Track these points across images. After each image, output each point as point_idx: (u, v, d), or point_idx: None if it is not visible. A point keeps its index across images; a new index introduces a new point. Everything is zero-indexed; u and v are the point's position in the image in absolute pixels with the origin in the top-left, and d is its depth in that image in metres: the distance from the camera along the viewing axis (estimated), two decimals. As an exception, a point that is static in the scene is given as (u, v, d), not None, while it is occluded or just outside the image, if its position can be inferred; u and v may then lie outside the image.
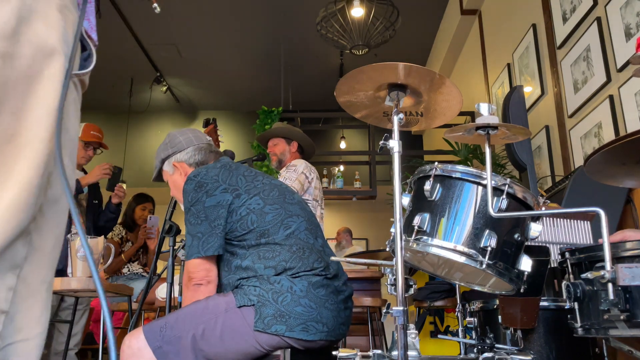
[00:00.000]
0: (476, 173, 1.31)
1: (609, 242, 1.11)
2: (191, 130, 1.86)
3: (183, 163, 1.78)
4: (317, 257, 1.55)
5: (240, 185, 1.60)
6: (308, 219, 1.65)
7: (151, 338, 1.45)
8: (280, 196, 1.63)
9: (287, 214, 1.59)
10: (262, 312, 1.43)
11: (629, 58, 1.65)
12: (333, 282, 1.56)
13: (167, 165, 1.81)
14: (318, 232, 1.68)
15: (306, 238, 1.58)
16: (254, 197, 1.58)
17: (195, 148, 1.80)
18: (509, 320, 1.43)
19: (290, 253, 1.52)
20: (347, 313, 1.59)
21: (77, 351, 3.07)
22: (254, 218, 1.55)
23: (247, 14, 6.26)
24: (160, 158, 1.83)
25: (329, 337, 1.48)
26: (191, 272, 1.55)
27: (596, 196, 2.43)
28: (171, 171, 1.81)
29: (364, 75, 1.34)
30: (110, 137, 7.56)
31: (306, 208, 1.70)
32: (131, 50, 6.83)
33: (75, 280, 2.42)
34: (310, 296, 1.47)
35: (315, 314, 1.46)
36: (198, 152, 1.80)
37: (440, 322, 3.72)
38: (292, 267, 1.49)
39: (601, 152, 1.30)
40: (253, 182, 1.63)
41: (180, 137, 1.82)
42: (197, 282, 1.55)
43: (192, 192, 1.58)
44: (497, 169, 4.03)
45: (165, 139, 1.86)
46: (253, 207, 1.56)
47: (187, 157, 1.78)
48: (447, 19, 6.07)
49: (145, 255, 3.88)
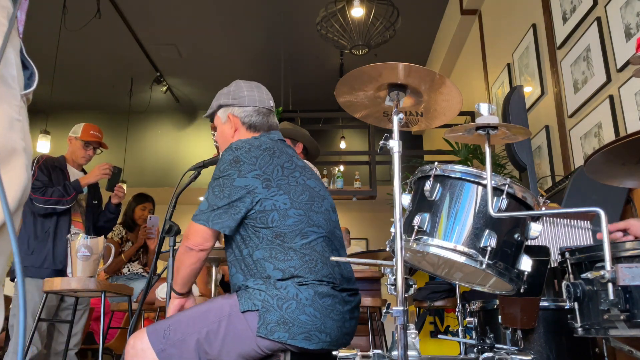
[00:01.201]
0: (476, 173, 1.31)
1: (609, 242, 1.11)
2: (258, 89, 1.81)
3: (237, 119, 1.75)
4: (328, 272, 1.52)
5: (274, 177, 1.56)
6: (330, 230, 1.61)
7: (155, 341, 1.45)
8: (308, 202, 1.58)
9: (310, 223, 1.55)
10: (266, 318, 1.42)
11: (629, 58, 1.65)
12: (341, 293, 1.54)
13: (223, 112, 1.78)
14: (339, 246, 1.64)
15: (322, 251, 1.55)
16: (283, 195, 1.55)
17: (255, 110, 1.75)
18: (509, 320, 1.43)
19: (302, 262, 1.49)
20: (352, 323, 1.57)
21: (77, 351, 3.07)
22: (276, 217, 1.52)
23: (247, 14, 6.26)
24: (219, 103, 1.79)
25: (330, 347, 1.47)
26: (190, 233, 1.55)
27: (596, 196, 2.42)
28: (224, 119, 1.77)
29: (364, 75, 1.34)
30: (110, 137, 7.56)
31: (332, 218, 1.66)
32: (131, 50, 6.83)
33: (75, 280, 2.42)
34: (316, 305, 1.45)
35: (320, 324, 1.45)
36: (257, 114, 1.75)
37: (440, 322, 3.72)
38: (300, 275, 1.47)
39: (601, 152, 1.30)
40: (288, 177, 1.58)
41: (246, 92, 1.77)
42: (191, 246, 1.54)
43: (227, 164, 1.56)
44: (497, 169, 4.03)
45: (231, 86, 1.81)
46: (279, 206, 1.53)
47: (243, 115, 1.74)
48: (447, 19, 6.07)
49: (145, 255, 3.88)
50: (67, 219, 3.02)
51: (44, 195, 2.90)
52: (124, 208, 3.84)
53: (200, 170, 2.01)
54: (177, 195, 1.96)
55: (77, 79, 7.68)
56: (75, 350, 3.04)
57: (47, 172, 3.02)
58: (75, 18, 5.66)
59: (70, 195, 2.95)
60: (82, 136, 3.17)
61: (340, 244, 1.68)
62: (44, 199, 2.89)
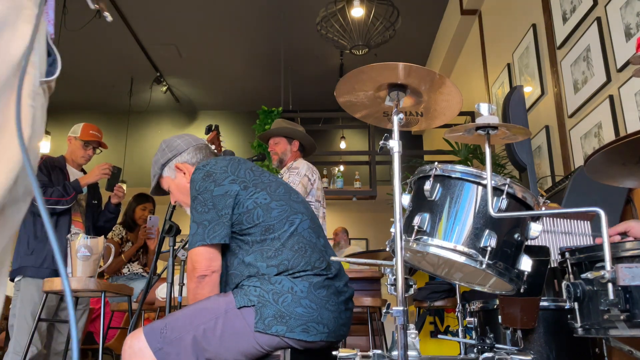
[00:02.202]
0: (476, 173, 1.31)
1: (609, 242, 1.11)
2: (186, 134, 1.86)
3: (186, 163, 1.77)
4: (319, 257, 1.55)
5: (248, 179, 1.59)
6: (311, 218, 1.65)
7: (152, 339, 1.45)
8: (286, 193, 1.63)
9: (293, 210, 1.59)
10: (263, 312, 1.43)
11: (629, 58, 1.65)
12: (334, 283, 1.55)
13: (168, 170, 1.79)
14: (320, 232, 1.68)
15: (309, 237, 1.58)
16: (261, 192, 1.58)
17: (195, 147, 1.80)
18: (509, 320, 1.43)
19: (292, 252, 1.51)
20: (347, 314, 1.59)
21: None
22: (260, 212, 1.55)
23: (248, 14, 6.26)
24: (160, 164, 1.80)
25: (329, 338, 1.48)
26: (195, 262, 1.52)
27: (596, 196, 2.42)
28: (173, 175, 1.79)
29: (364, 75, 1.34)
30: (110, 137, 7.57)
31: (309, 207, 1.71)
32: (131, 50, 6.83)
33: (75, 280, 2.42)
34: (311, 297, 1.46)
35: (316, 315, 1.46)
36: (199, 151, 1.80)
37: (440, 322, 3.72)
38: (293, 266, 1.49)
39: (601, 152, 1.30)
40: (260, 177, 1.63)
41: (178, 140, 1.81)
42: (202, 273, 1.51)
43: (200, 181, 1.57)
44: (497, 169, 4.03)
45: (161, 146, 1.83)
46: (260, 202, 1.56)
47: (189, 158, 1.78)
48: (447, 19, 6.07)
49: (145, 255, 3.89)
50: (66, 219, 3.02)
51: (43, 195, 2.90)
52: (124, 208, 3.84)
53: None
54: (177, 195, 1.96)
55: (77, 79, 7.68)
56: (75, 350, 3.04)
57: (46, 172, 3.02)
58: (75, 18, 5.66)
59: (69, 195, 2.95)
60: (81, 136, 3.17)
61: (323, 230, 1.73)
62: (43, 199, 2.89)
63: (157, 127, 8.83)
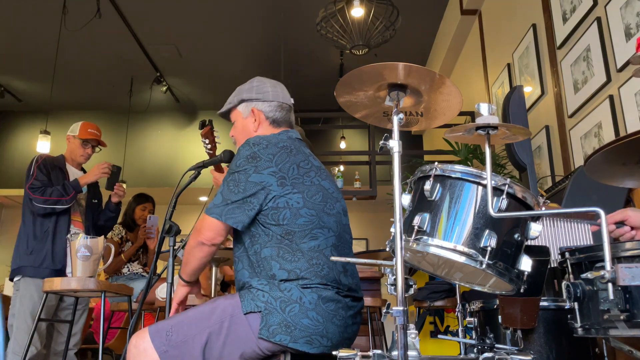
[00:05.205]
0: (476, 173, 1.31)
1: (609, 242, 1.11)
2: (280, 86, 1.82)
3: (262, 113, 1.75)
4: (334, 278, 1.52)
5: (290, 175, 1.55)
6: (339, 234, 1.61)
7: (157, 342, 1.45)
8: (321, 202, 1.58)
9: (320, 224, 1.55)
10: (268, 320, 1.42)
11: (629, 58, 1.64)
12: (345, 298, 1.53)
13: (245, 107, 1.78)
14: (346, 250, 1.64)
15: (330, 256, 1.55)
16: (297, 194, 1.54)
17: (279, 105, 1.76)
18: (509, 320, 1.43)
19: (308, 264, 1.49)
20: (354, 328, 1.57)
21: (76, 351, 3.07)
22: (288, 215, 1.52)
23: (247, 14, 6.26)
24: (241, 98, 1.79)
25: (332, 351, 1.47)
26: (203, 227, 1.54)
27: (596, 196, 2.42)
28: (246, 114, 1.78)
29: (364, 75, 1.34)
30: (110, 136, 7.57)
31: (342, 221, 1.66)
32: (131, 50, 6.83)
33: (75, 280, 2.42)
34: (319, 309, 1.45)
35: (322, 329, 1.44)
36: (280, 110, 1.76)
37: (440, 322, 3.72)
38: (305, 277, 1.47)
39: (601, 152, 1.30)
40: (303, 176, 1.58)
41: (269, 88, 1.78)
42: (203, 240, 1.54)
43: (243, 159, 1.56)
44: (497, 169, 4.03)
45: (253, 82, 1.81)
46: (292, 204, 1.53)
47: (268, 110, 1.75)
48: (447, 19, 6.07)
49: (145, 255, 3.89)
50: (66, 219, 3.02)
51: (43, 195, 2.90)
52: (124, 208, 3.84)
53: (200, 170, 2.01)
54: (177, 195, 1.96)
55: (77, 79, 7.68)
56: (74, 350, 3.04)
57: (46, 171, 3.02)
58: (75, 18, 5.66)
59: (69, 195, 2.95)
60: (80, 134, 3.17)
61: (349, 248, 1.68)
62: (43, 198, 2.89)
63: (157, 127, 8.83)
